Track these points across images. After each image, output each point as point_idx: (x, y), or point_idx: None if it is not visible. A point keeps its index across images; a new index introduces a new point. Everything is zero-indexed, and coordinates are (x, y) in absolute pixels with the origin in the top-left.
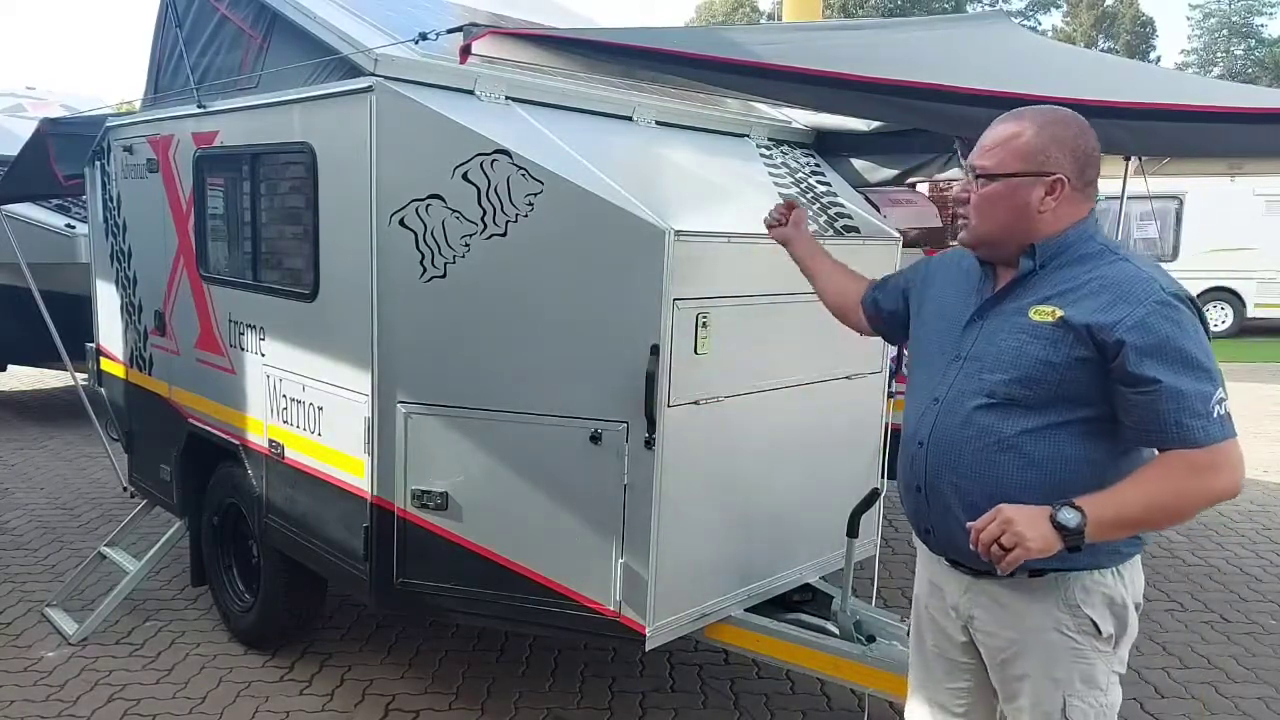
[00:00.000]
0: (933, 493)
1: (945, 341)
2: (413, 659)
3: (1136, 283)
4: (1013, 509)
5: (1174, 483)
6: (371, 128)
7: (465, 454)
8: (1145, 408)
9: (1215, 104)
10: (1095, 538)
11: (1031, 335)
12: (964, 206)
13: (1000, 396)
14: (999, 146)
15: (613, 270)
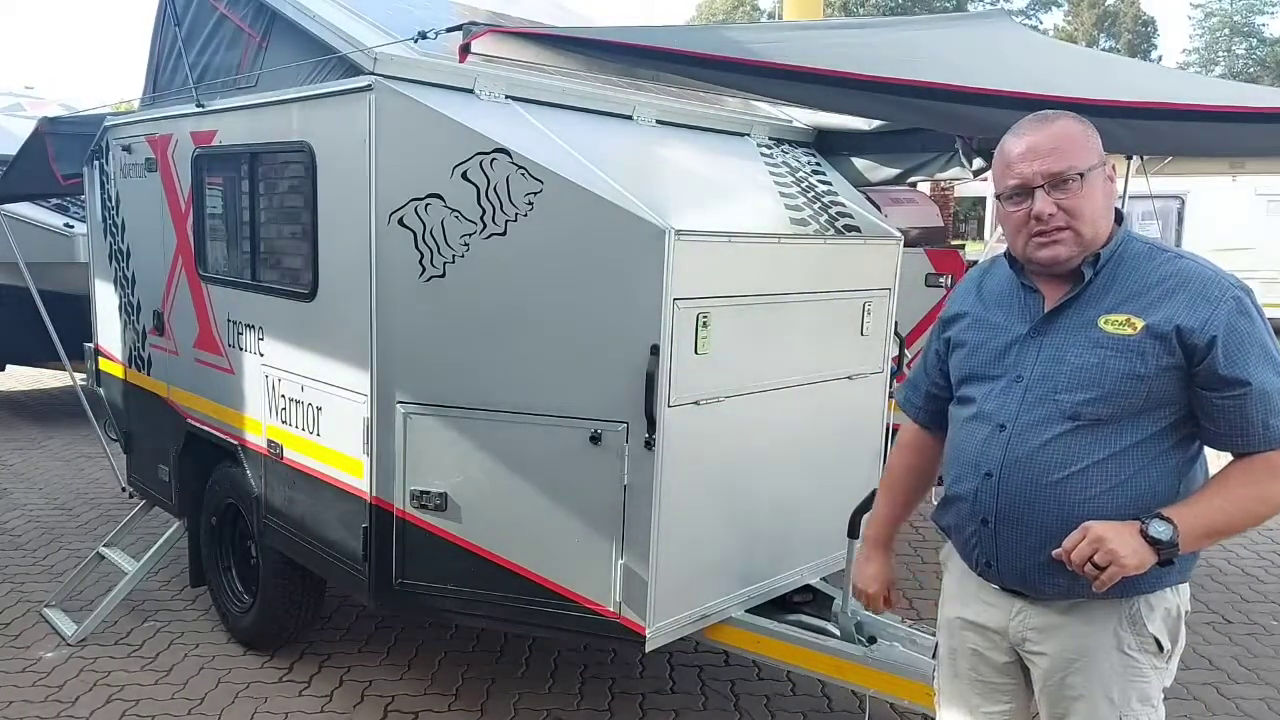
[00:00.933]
0: (1005, 525)
1: (997, 363)
2: (412, 660)
3: (1209, 280)
4: (1102, 526)
5: (1260, 487)
6: (370, 127)
7: (465, 454)
8: (1234, 411)
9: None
10: (1187, 549)
11: (1113, 349)
12: (1045, 225)
13: (1086, 418)
14: (1063, 146)
15: (613, 270)
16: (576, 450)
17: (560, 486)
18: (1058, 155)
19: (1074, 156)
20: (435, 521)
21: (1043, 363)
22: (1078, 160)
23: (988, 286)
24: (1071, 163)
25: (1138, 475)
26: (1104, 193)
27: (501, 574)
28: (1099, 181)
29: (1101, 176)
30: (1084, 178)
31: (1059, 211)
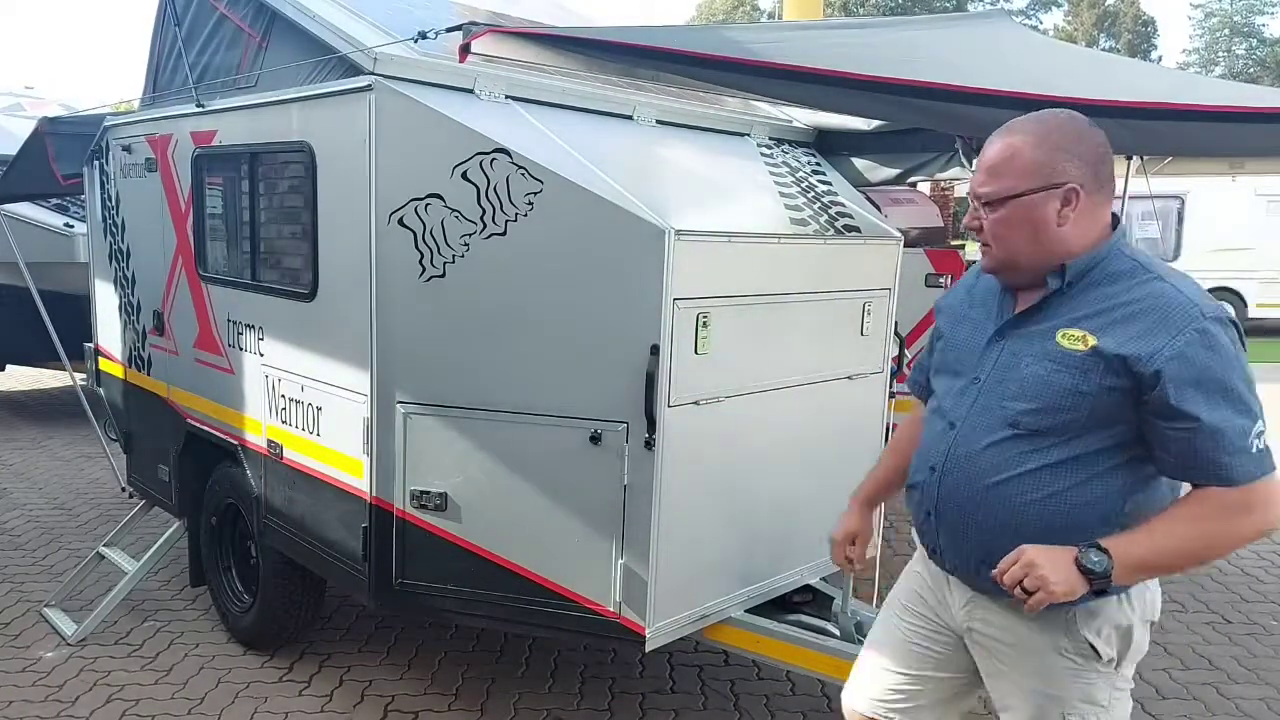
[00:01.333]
0: (942, 520)
1: (965, 361)
2: (412, 660)
3: (1175, 307)
4: (1036, 551)
5: (1205, 524)
6: (370, 127)
7: (465, 454)
8: (1182, 444)
9: (1217, 104)
10: (1121, 581)
11: (1059, 363)
12: (979, 234)
13: (1024, 427)
14: (1000, 167)
15: (613, 270)
16: (576, 450)
17: (560, 486)
18: (993, 176)
19: (1006, 179)
20: (435, 521)
21: (999, 368)
22: (1007, 184)
23: (981, 283)
24: (999, 186)
25: (1076, 489)
26: (1031, 221)
27: (501, 574)
28: (1026, 209)
29: (1039, 203)
30: (1008, 202)
31: (984, 229)
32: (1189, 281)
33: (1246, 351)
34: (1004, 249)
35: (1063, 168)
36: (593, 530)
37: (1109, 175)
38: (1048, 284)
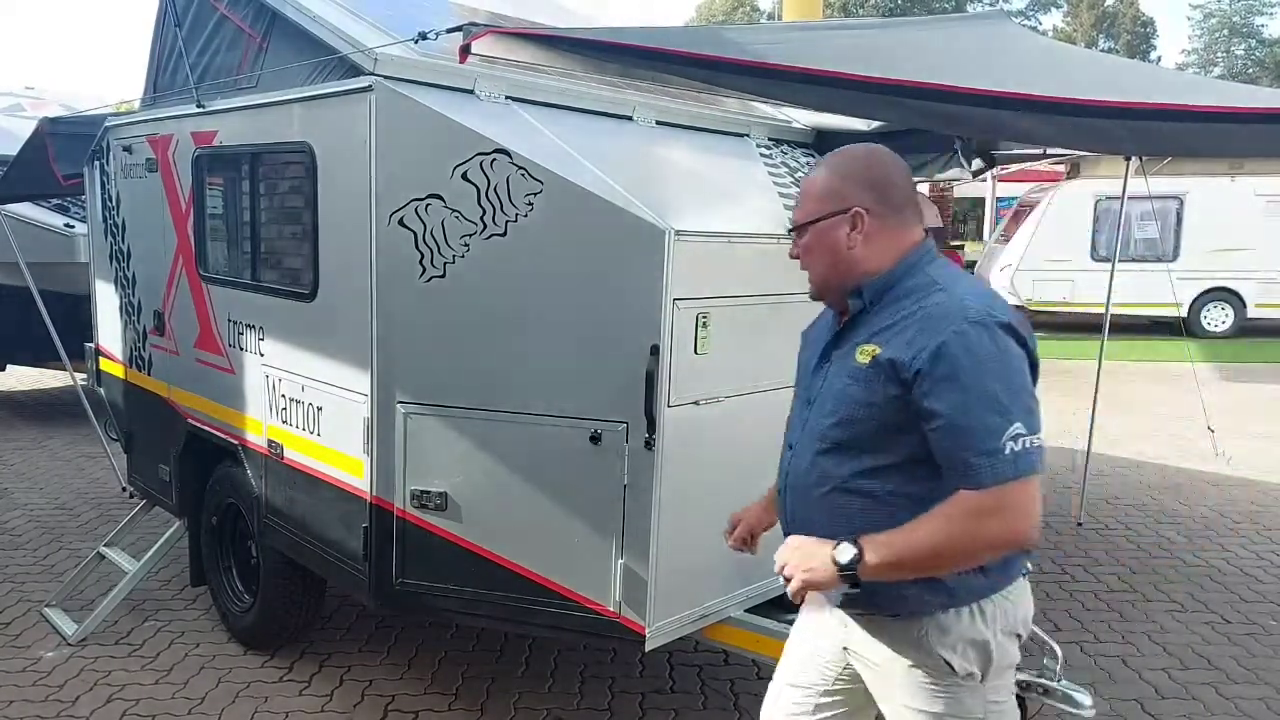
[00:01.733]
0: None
1: (804, 385)
2: (412, 659)
3: (943, 311)
4: (800, 539)
5: (953, 525)
6: (371, 127)
7: (465, 454)
8: (937, 444)
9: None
10: (874, 576)
11: (853, 377)
12: (799, 261)
13: (830, 441)
14: (801, 196)
15: (613, 270)
16: (576, 450)
17: (560, 486)
18: (798, 205)
19: (806, 206)
20: (436, 521)
21: (823, 388)
22: (803, 213)
23: (828, 311)
24: (800, 214)
25: (891, 496)
26: (826, 245)
27: (502, 573)
28: (821, 234)
29: (831, 228)
30: (807, 229)
31: (798, 255)
32: (979, 289)
33: (1030, 354)
34: (812, 273)
35: (849, 193)
36: (593, 530)
37: (902, 202)
38: (850, 305)
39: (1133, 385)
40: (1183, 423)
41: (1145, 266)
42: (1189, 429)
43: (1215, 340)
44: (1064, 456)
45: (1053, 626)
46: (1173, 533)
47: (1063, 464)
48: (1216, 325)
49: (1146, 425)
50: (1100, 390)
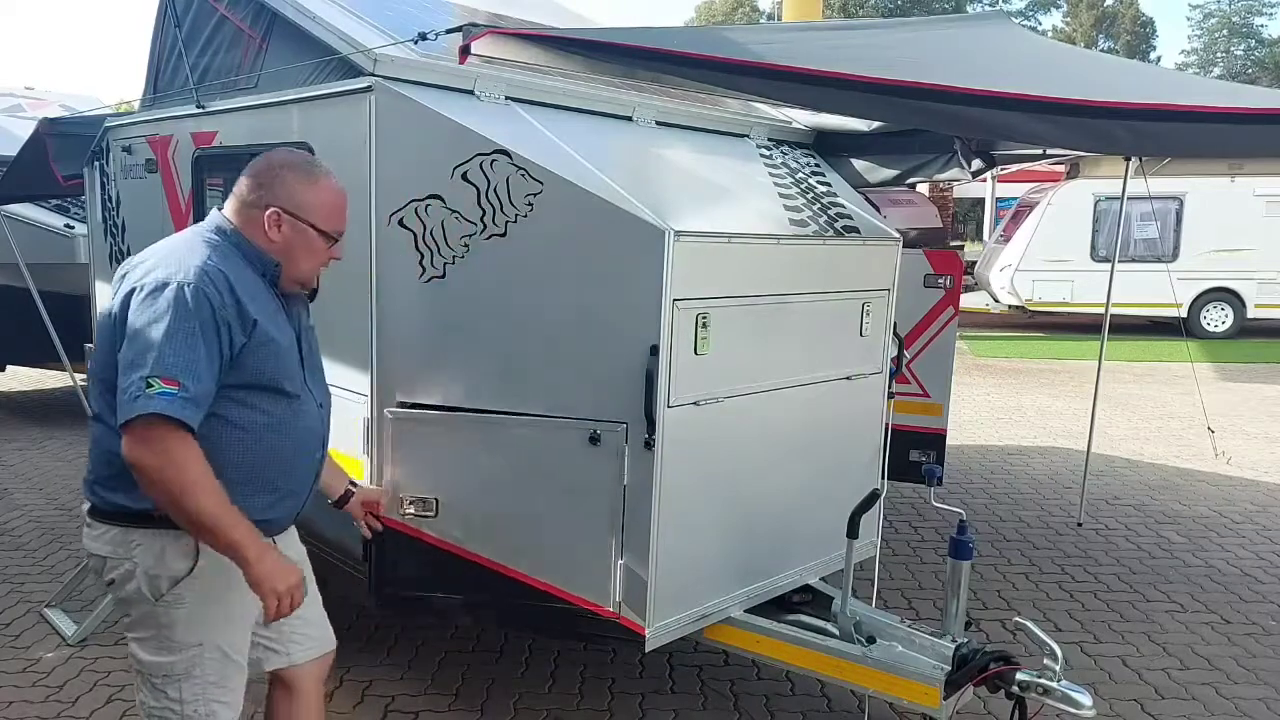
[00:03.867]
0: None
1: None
2: (412, 660)
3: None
4: None
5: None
6: (371, 128)
7: (464, 455)
8: None
9: (1215, 104)
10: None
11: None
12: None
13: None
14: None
15: (613, 270)
16: (576, 451)
17: (560, 487)
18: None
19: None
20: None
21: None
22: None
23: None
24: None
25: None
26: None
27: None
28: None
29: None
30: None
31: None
32: (184, 245)
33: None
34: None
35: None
36: (592, 530)
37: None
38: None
39: (1133, 385)
40: (1183, 423)
41: (1145, 266)
42: (1189, 429)
43: (1215, 340)
44: (1064, 456)
45: (1053, 626)
46: (1173, 533)
47: (1063, 464)
48: (1216, 325)
49: (1146, 425)
50: (1100, 390)
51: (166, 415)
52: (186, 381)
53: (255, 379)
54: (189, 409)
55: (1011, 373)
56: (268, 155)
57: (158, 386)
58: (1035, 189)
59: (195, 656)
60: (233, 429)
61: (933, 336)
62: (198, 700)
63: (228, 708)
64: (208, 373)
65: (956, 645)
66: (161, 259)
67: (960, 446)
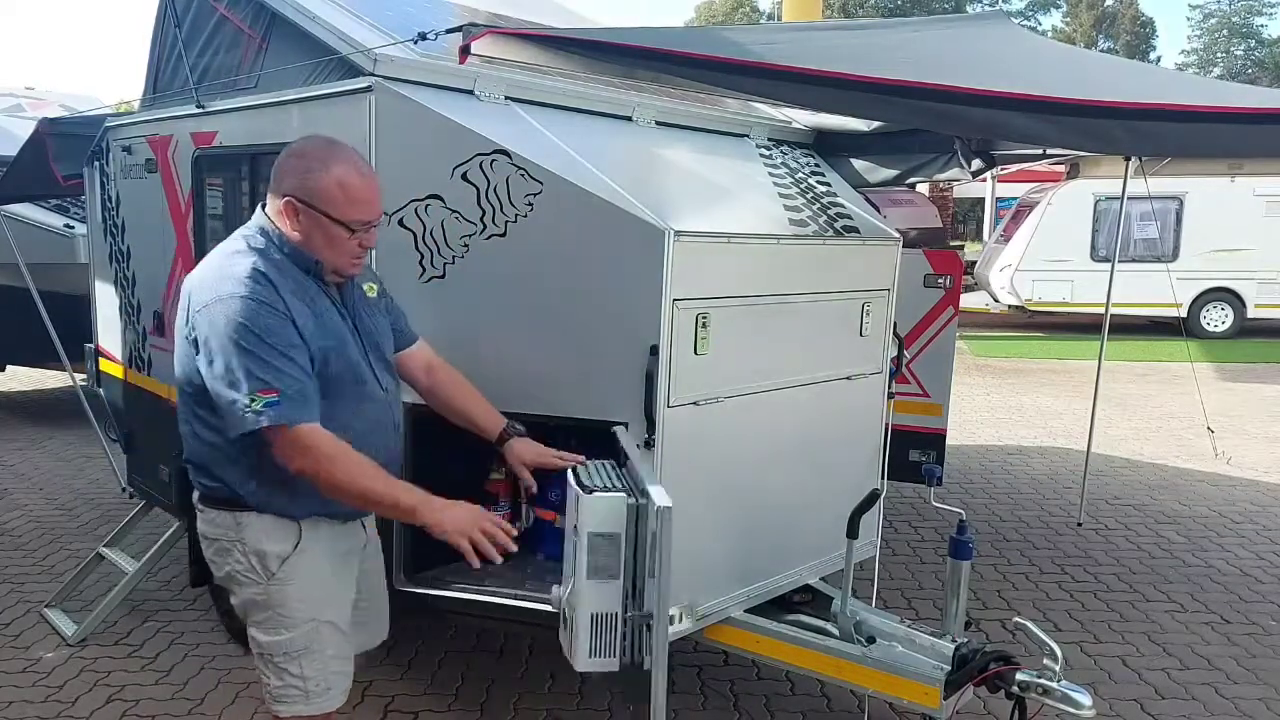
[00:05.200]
0: (398, 459)
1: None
2: (412, 660)
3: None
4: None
5: None
6: (371, 128)
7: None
8: None
9: (1215, 104)
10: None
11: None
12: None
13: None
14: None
15: (613, 270)
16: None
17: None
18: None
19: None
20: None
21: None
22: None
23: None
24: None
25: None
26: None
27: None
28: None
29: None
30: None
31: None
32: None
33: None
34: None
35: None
36: None
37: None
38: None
39: (1133, 385)
40: (1183, 423)
41: (1145, 266)
42: (1189, 429)
43: (1215, 340)
44: (1064, 456)
45: (1053, 626)
46: (1173, 533)
47: (1063, 464)
48: (1216, 325)
49: (1146, 425)
50: (1100, 390)
51: (285, 423)
52: (281, 385)
53: (324, 372)
54: (296, 408)
55: (1011, 373)
56: (294, 143)
57: (260, 401)
58: (1035, 189)
59: (312, 632)
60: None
61: (933, 336)
62: (319, 674)
63: (344, 677)
64: (296, 367)
65: (956, 645)
66: (213, 273)
67: (960, 446)
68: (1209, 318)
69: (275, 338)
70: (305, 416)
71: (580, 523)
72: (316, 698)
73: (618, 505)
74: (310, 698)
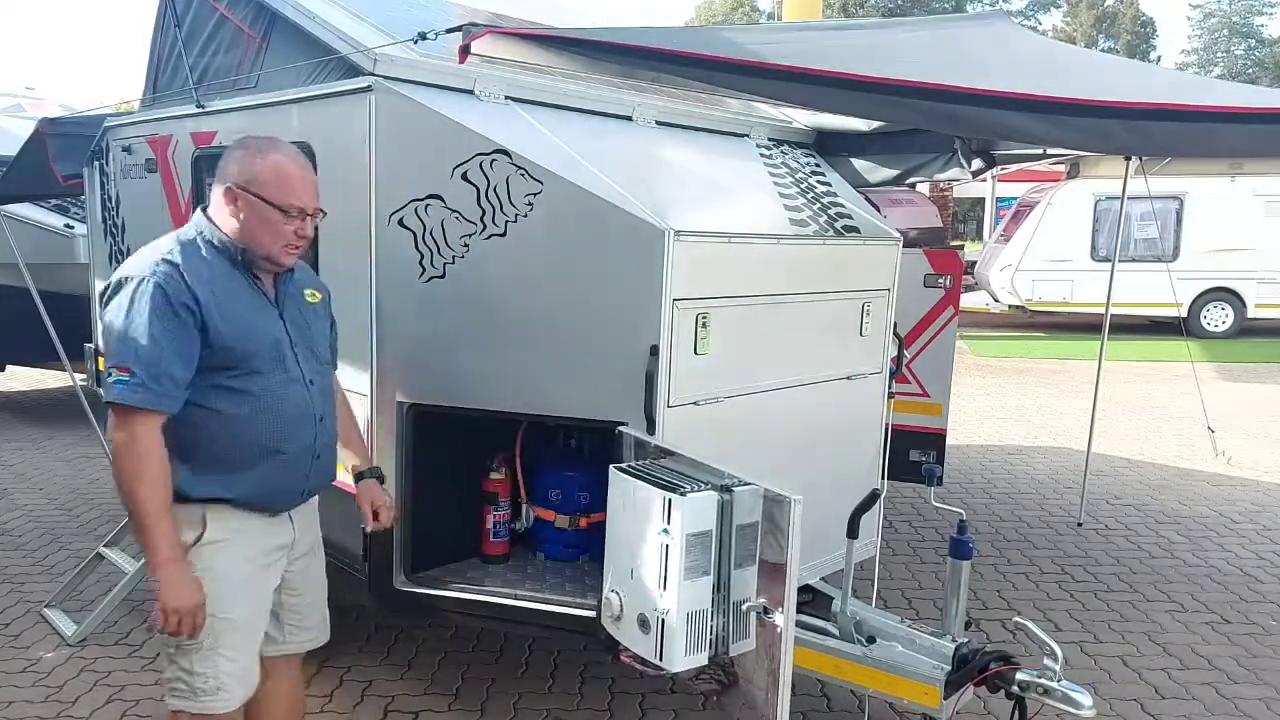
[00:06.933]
0: (326, 453)
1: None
2: (412, 660)
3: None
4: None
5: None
6: (371, 127)
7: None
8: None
9: (1215, 104)
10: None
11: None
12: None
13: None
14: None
15: (613, 270)
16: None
17: None
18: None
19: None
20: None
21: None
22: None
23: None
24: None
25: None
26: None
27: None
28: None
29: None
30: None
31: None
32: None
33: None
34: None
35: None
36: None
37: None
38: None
39: (1133, 385)
40: (1183, 422)
41: (1145, 266)
42: (1189, 429)
43: (1215, 340)
44: (1064, 456)
45: (1053, 626)
46: (1173, 533)
47: (1063, 464)
48: (1216, 325)
49: (1146, 425)
50: (1100, 390)
51: (122, 402)
52: (138, 369)
53: (225, 362)
54: (140, 393)
55: (1011, 373)
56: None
57: (115, 376)
58: (1035, 189)
59: (207, 627)
60: (213, 414)
61: (933, 336)
62: (210, 672)
63: (239, 681)
64: (165, 355)
65: (956, 645)
66: (133, 259)
67: (960, 446)
68: (1209, 317)
69: (156, 324)
70: (148, 404)
71: (674, 525)
72: (205, 696)
73: (710, 503)
74: (197, 695)
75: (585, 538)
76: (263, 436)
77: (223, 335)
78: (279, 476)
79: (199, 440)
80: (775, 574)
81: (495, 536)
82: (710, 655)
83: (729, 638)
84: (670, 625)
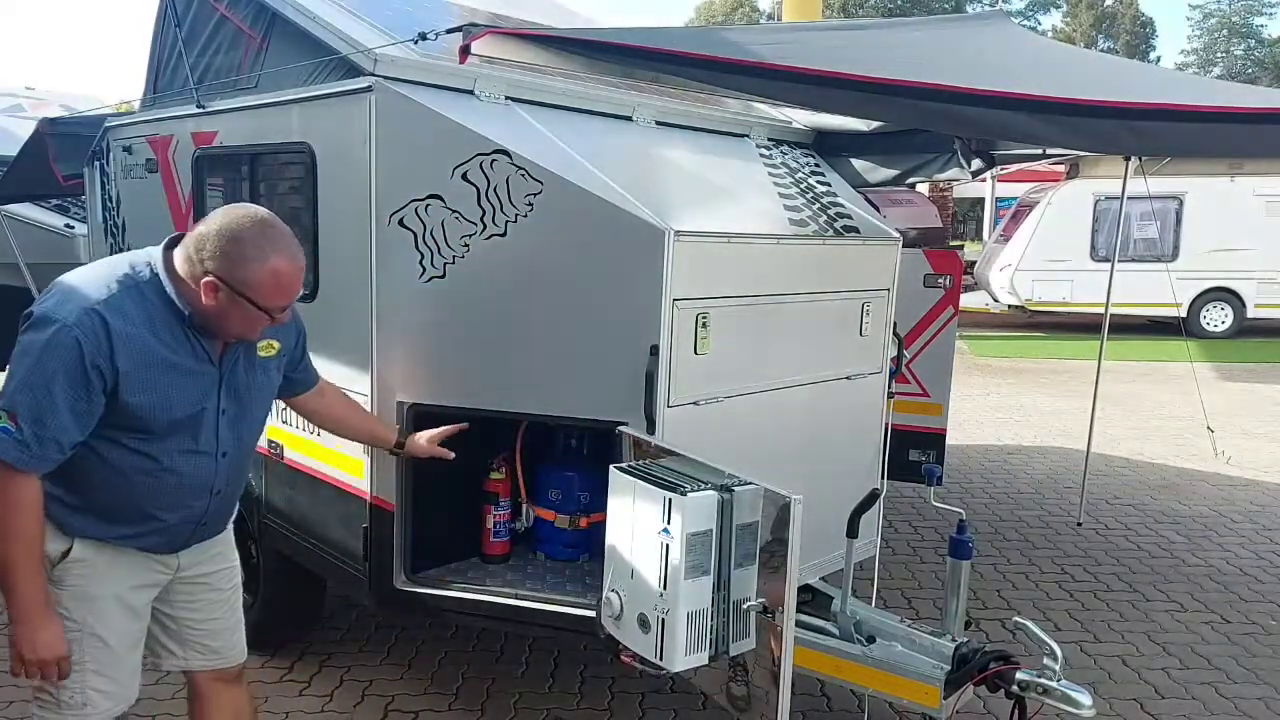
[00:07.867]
0: (214, 519)
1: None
2: (412, 660)
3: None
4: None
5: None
6: (371, 128)
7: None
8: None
9: (1215, 104)
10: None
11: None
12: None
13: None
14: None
15: (613, 270)
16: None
17: None
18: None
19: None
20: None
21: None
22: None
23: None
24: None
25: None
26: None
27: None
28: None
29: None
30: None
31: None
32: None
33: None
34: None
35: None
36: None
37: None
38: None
39: (1133, 385)
40: (1183, 423)
41: (1145, 266)
42: (1189, 429)
43: (1215, 340)
44: (1064, 456)
45: (1053, 626)
46: (1173, 533)
47: (1063, 464)
48: (1216, 325)
49: (1146, 425)
50: (1100, 390)
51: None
52: (25, 425)
53: (131, 424)
54: (16, 451)
55: (1011, 373)
56: (226, 214)
57: (2, 420)
58: (1035, 189)
59: (74, 640)
60: (102, 464)
61: (933, 336)
62: (76, 685)
63: (106, 697)
64: (60, 417)
65: (956, 645)
66: (65, 289)
67: (960, 446)
68: (1209, 317)
69: (60, 383)
70: (22, 464)
71: (674, 525)
72: (69, 709)
73: (710, 502)
74: (62, 708)
75: (585, 537)
76: (145, 501)
77: (131, 406)
78: (154, 539)
79: (79, 484)
80: (775, 574)
81: (495, 536)
82: (710, 655)
83: (729, 637)
84: (671, 625)
